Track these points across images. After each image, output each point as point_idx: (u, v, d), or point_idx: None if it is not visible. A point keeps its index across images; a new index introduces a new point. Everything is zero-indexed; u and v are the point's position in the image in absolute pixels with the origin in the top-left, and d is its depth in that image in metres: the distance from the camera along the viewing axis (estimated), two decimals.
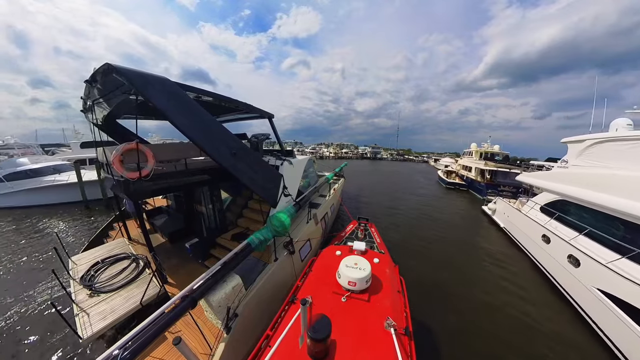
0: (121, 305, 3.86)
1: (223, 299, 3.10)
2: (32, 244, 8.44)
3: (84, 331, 3.36)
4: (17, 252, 7.86)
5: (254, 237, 3.96)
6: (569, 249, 6.00)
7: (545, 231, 7.22)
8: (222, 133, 3.94)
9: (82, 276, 4.56)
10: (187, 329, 3.52)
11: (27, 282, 6.24)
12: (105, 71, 2.95)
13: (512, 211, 10.13)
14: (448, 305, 5.66)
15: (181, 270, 5.00)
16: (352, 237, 6.07)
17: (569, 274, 5.82)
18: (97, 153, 5.16)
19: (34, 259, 7.43)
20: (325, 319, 2.20)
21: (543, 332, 4.99)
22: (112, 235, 6.59)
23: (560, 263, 6.24)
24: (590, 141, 7.47)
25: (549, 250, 6.89)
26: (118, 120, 6.35)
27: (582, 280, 5.38)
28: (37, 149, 18.99)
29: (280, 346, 2.26)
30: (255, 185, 4.44)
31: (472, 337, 4.77)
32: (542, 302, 5.97)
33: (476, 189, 19.76)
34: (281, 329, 2.59)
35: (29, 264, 7.15)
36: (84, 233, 9.51)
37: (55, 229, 9.93)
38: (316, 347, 2.16)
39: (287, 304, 3.07)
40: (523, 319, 5.35)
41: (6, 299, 5.62)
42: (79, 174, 12.77)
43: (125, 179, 3.75)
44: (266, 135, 7.07)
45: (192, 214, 6.64)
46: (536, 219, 8.06)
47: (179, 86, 3.49)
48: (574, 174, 7.40)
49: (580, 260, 5.60)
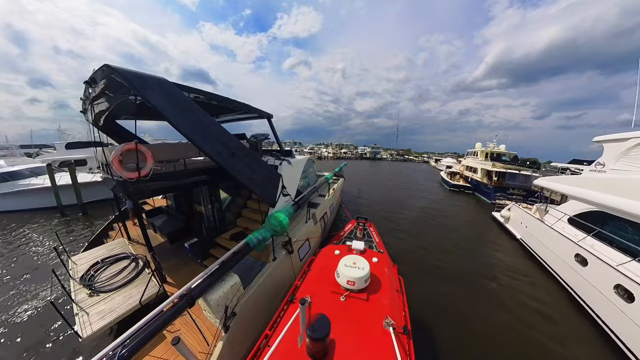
0: (120, 305, 3.89)
1: (221, 298, 3.12)
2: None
3: (83, 330, 3.39)
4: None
5: (253, 237, 3.98)
6: (617, 277, 4.77)
7: (580, 250, 5.96)
8: (220, 133, 3.96)
9: (82, 276, 4.59)
10: (186, 327, 3.55)
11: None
12: (104, 72, 2.97)
13: (531, 221, 8.73)
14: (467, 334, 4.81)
15: (180, 270, 5.02)
16: (350, 237, 6.10)
17: (619, 311, 4.58)
18: (95, 154, 5.18)
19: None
20: (324, 319, 2.21)
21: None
22: (111, 236, 6.62)
23: (604, 294, 4.98)
24: (636, 140, 6.28)
25: (586, 275, 5.63)
26: (118, 121, 6.38)
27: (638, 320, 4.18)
28: (16, 150, 18.01)
29: (279, 346, 2.27)
30: (253, 185, 4.47)
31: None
32: (578, 337, 4.83)
33: (482, 192, 18.46)
34: (280, 328, 2.59)
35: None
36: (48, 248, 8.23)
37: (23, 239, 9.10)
38: (315, 346, 2.17)
39: (286, 304, 3.08)
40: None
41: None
42: (52, 176, 11.57)
43: (125, 179, 3.77)
44: (265, 136, 7.10)
45: (191, 214, 6.66)
46: (566, 233, 6.78)
47: (178, 87, 3.51)
48: (616, 180, 6.22)
49: (634, 294, 4.40)
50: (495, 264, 7.70)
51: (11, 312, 5.26)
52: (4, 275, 6.58)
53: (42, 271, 6.75)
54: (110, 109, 4.83)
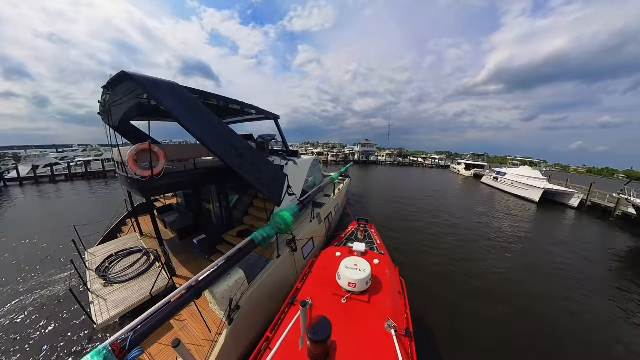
0: (132, 295, 4.12)
1: (226, 291, 3.27)
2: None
3: (98, 318, 3.62)
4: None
5: (258, 234, 4.12)
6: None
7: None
8: (228, 134, 4.13)
9: (98, 267, 4.87)
10: (192, 318, 3.72)
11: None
12: (121, 78, 3.18)
13: None
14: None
15: (189, 265, 5.23)
16: (352, 238, 6.08)
17: None
18: (112, 153, 5.48)
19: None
20: (325, 321, 2.19)
21: None
22: (124, 231, 6.95)
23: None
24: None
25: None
26: (132, 122, 6.70)
27: None
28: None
29: (280, 348, 2.27)
30: (260, 184, 4.61)
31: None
32: None
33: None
34: (281, 331, 2.60)
35: None
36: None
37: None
38: (316, 349, 2.16)
39: (287, 306, 3.08)
40: None
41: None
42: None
43: (139, 177, 3.99)
44: (272, 136, 7.26)
45: (200, 211, 6.90)
46: None
47: (189, 90, 3.71)
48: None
49: None
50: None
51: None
52: None
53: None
54: (125, 112, 5.10)
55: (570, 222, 14.16)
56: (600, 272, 7.77)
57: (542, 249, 9.44)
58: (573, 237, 10.99)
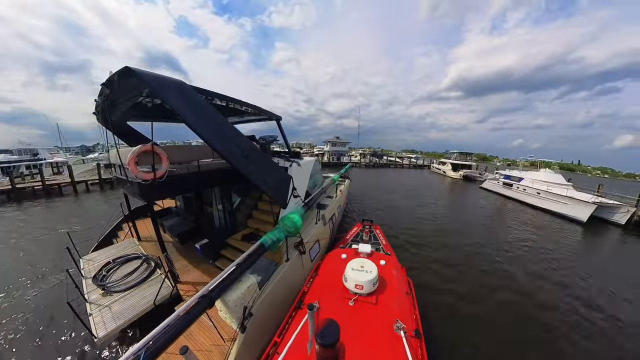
0: (134, 305, 3.89)
1: (239, 299, 3.12)
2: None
3: (99, 330, 3.39)
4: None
5: (267, 238, 3.98)
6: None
7: None
8: (234, 135, 3.98)
9: (95, 275, 4.60)
10: (200, 328, 3.54)
11: None
12: (124, 74, 3.00)
13: None
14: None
15: (193, 271, 5.03)
16: (357, 240, 6.03)
17: None
18: (109, 155, 5.23)
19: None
20: (334, 324, 2.14)
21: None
22: (120, 236, 6.65)
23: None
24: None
25: None
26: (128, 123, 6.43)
27: None
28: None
29: (288, 353, 2.21)
30: (266, 186, 4.47)
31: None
32: None
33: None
34: (289, 335, 2.54)
35: None
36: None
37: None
38: (325, 352, 2.09)
39: (294, 310, 3.03)
40: None
41: None
42: None
43: (140, 180, 3.80)
44: (274, 137, 7.12)
45: (201, 214, 6.68)
46: None
47: (194, 89, 3.55)
48: None
49: None
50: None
51: None
52: None
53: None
54: (123, 111, 4.88)
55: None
56: None
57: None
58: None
